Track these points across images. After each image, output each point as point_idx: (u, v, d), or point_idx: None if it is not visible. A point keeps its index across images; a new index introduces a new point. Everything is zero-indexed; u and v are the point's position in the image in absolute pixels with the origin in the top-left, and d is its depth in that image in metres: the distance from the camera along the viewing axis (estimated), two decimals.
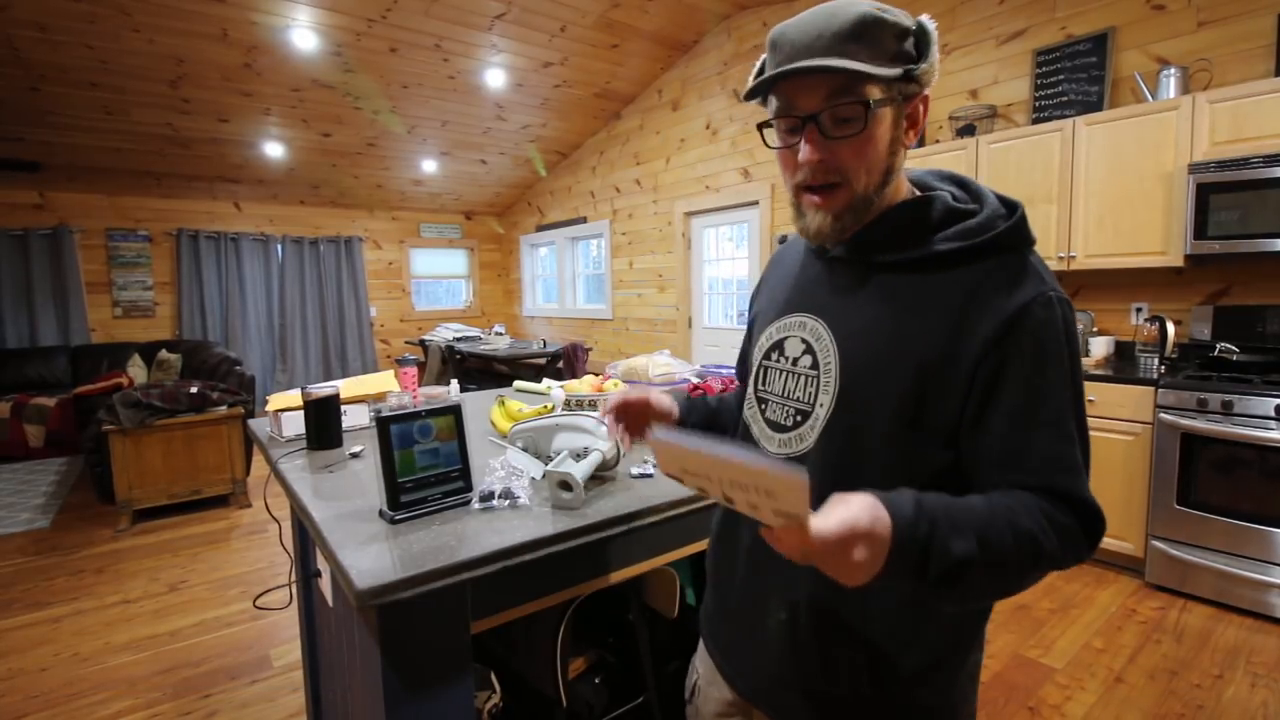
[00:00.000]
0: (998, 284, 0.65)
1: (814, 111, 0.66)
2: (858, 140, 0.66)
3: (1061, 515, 0.61)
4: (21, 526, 3.61)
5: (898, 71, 0.65)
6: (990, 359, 0.63)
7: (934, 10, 3.74)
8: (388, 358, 7.69)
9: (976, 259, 0.67)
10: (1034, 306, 0.63)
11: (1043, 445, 0.63)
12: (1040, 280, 0.65)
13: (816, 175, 0.68)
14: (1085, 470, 0.64)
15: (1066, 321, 0.65)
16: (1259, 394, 2.36)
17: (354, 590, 0.81)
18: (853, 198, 0.69)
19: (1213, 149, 2.60)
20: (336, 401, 1.56)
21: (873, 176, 0.68)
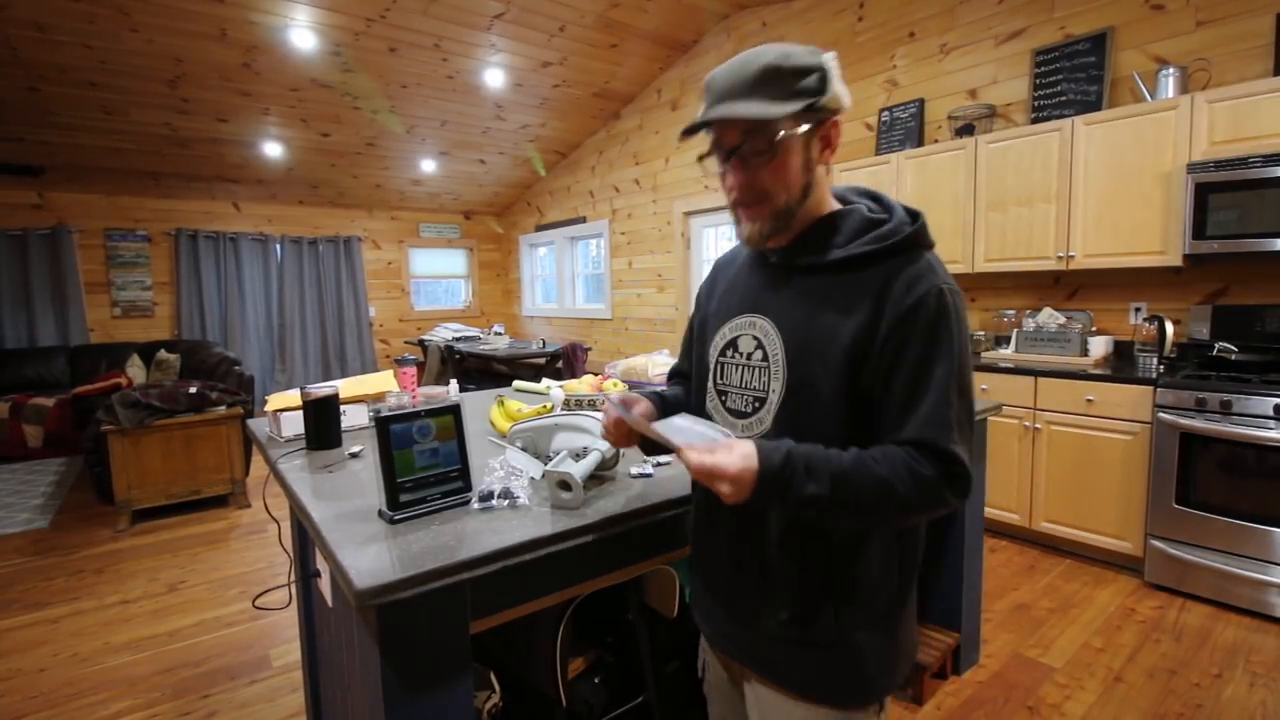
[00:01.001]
0: (903, 278, 0.80)
1: (735, 146, 0.82)
2: (771, 165, 0.82)
3: (924, 466, 0.75)
4: (20, 527, 3.61)
5: (798, 107, 0.79)
6: (894, 337, 0.78)
7: (933, 10, 3.74)
8: (387, 358, 7.69)
9: (888, 258, 0.82)
10: (928, 297, 0.78)
11: (924, 407, 0.77)
12: (935, 275, 0.80)
13: (743, 195, 0.85)
14: (960, 431, 0.77)
15: (955, 309, 0.80)
16: (1258, 393, 2.36)
17: (353, 590, 0.81)
18: (775, 210, 0.84)
19: (1211, 148, 2.60)
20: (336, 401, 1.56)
21: (791, 192, 0.83)
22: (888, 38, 4.00)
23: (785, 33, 4.58)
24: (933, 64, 3.80)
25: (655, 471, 1.30)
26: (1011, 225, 3.23)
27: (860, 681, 0.87)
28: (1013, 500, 3.08)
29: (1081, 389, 2.82)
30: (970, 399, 0.80)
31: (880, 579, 0.86)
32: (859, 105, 4.18)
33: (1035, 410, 2.98)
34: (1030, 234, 3.16)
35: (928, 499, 0.75)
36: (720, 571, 0.96)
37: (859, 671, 0.87)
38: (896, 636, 0.89)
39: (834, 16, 4.27)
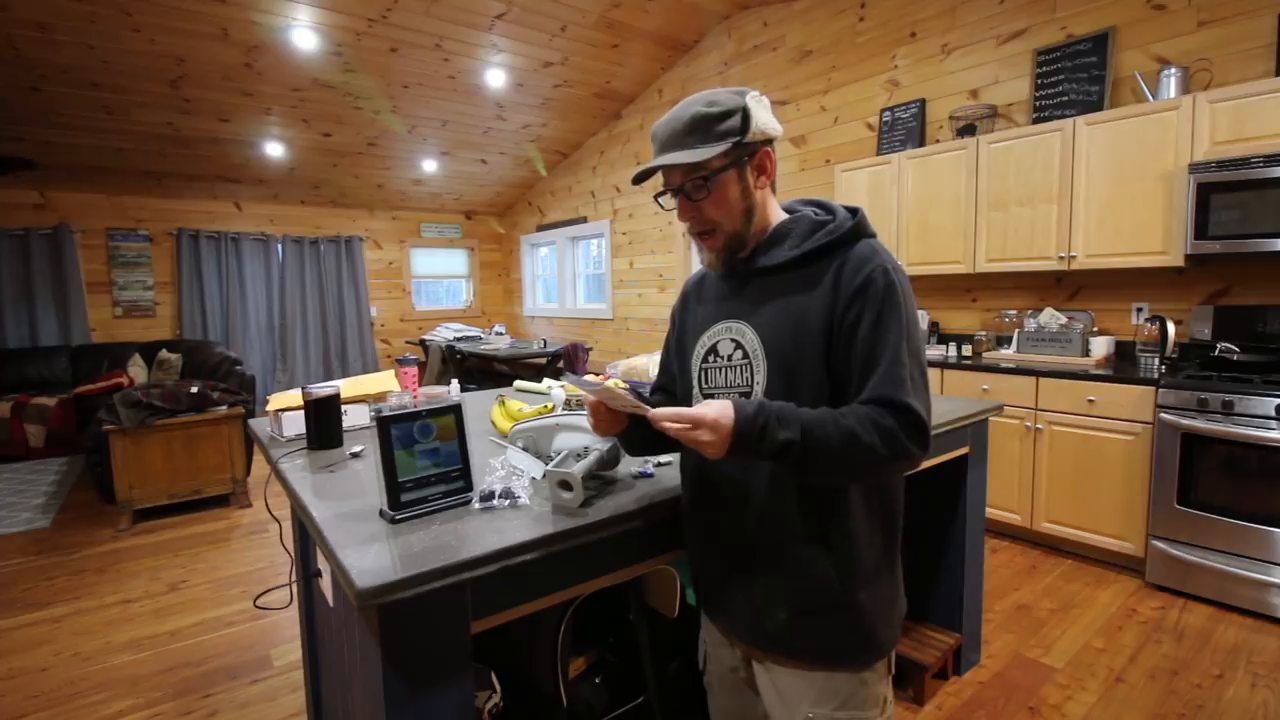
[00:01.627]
0: (851, 261, 0.91)
1: (679, 185, 0.95)
2: (712, 200, 0.94)
3: (885, 419, 0.83)
4: (22, 526, 3.62)
5: (725, 147, 0.91)
6: (850, 313, 0.89)
7: (934, 10, 3.74)
8: (388, 357, 7.70)
9: (837, 249, 0.94)
10: (875, 274, 0.89)
11: (880, 367, 0.86)
12: (879, 257, 0.91)
13: (694, 227, 0.98)
14: (913, 385, 0.86)
15: (900, 285, 0.90)
16: (1259, 394, 2.36)
17: (354, 590, 0.81)
18: (725, 237, 0.97)
19: (1213, 149, 2.60)
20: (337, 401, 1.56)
21: (735, 219, 0.96)
22: (889, 38, 4.00)
23: (786, 33, 4.58)
24: (934, 64, 3.79)
25: (656, 471, 1.30)
26: (1013, 225, 3.23)
27: (868, 639, 0.95)
28: (1014, 501, 3.08)
29: (1083, 389, 2.82)
30: (922, 360, 0.90)
31: (869, 539, 0.95)
32: (860, 105, 4.18)
33: (1037, 411, 2.97)
34: (1032, 234, 3.16)
35: (890, 447, 0.83)
36: (719, 561, 1.03)
37: (865, 629, 0.95)
38: (891, 590, 1.00)
39: (835, 16, 4.27)
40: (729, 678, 1.11)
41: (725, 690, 1.13)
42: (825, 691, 0.96)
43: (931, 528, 2.10)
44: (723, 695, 1.14)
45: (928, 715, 1.91)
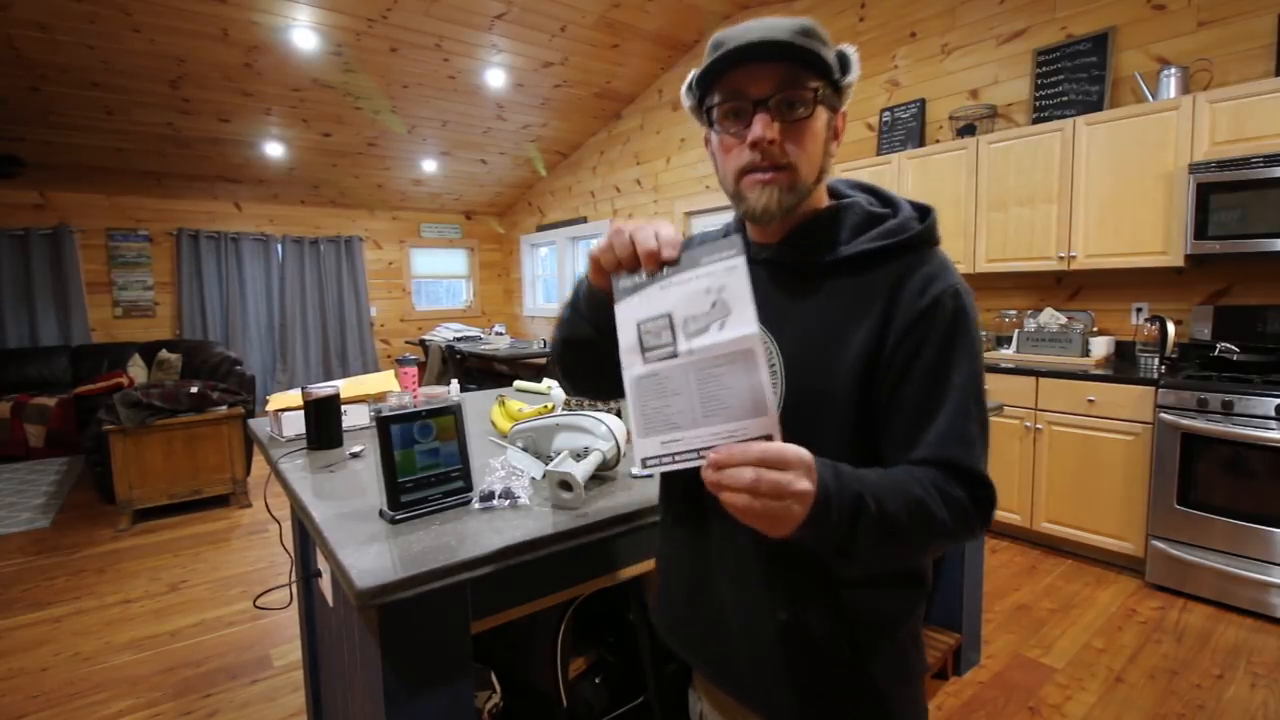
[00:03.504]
0: (916, 278, 0.71)
1: (764, 96, 0.69)
2: (804, 127, 0.70)
3: (953, 488, 0.65)
4: (22, 526, 3.62)
5: (835, 75, 0.71)
6: (907, 343, 0.70)
7: (934, 10, 3.74)
8: (388, 357, 7.70)
9: (895, 256, 0.73)
10: (944, 298, 0.70)
11: (942, 421, 0.68)
12: (950, 275, 0.72)
13: (766, 156, 0.70)
14: (981, 446, 0.69)
15: (971, 312, 0.72)
16: (1259, 394, 2.36)
17: (354, 590, 0.81)
18: (796, 181, 0.72)
19: (1213, 149, 2.60)
20: (336, 401, 1.56)
21: (812, 167, 0.73)
22: (889, 38, 4.00)
23: None
24: (934, 64, 3.79)
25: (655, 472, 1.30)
26: (1013, 225, 3.23)
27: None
28: (1014, 501, 3.08)
29: (1083, 389, 2.82)
30: (987, 410, 0.72)
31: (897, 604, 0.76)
32: (860, 105, 4.18)
33: (1036, 411, 2.97)
34: (1031, 234, 3.16)
35: (960, 525, 0.65)
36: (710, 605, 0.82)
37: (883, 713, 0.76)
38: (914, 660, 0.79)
39: (835, 16, 4.27)
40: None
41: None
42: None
43: None
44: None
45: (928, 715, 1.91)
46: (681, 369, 0.60)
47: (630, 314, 0.63)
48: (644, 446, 0.61)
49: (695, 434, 0.59)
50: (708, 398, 0.58)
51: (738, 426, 0.57)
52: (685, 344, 0.60)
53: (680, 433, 0.60)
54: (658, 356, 0.61)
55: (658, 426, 0.61)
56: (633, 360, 0.63)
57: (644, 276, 0.63)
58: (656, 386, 0.61)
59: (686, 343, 0.60)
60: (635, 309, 0.63)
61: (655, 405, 0.61)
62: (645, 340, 0.62)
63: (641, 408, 0.62)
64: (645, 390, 0.61)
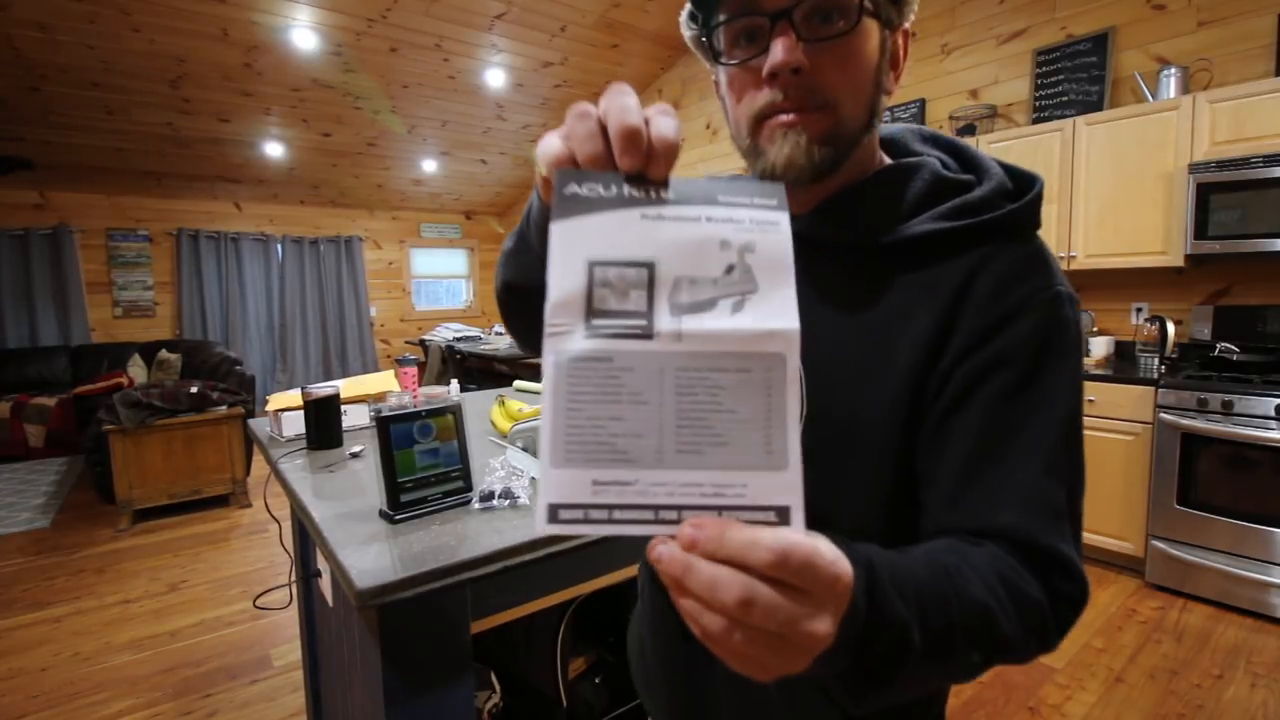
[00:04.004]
0: (1000, 271, 0.51)
1: (786, 5, 0.48)
2: (846, 47, 0.49)
3: (1027, 583, 0.44)
4: (22, 526, 3.61)
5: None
6: (973, 360, 0.49)
7: (934, 10, 3.74)
8: (388, 357, 7.69)
9: (972, 244, 0.52)
10: (1036, 302, 0.49)
11: (1021, 478, 0.47)
12: (1050, 273, 0.51)
13: (790, 94, 0.49)
14: (1072, 519, 0.48)
15: (1077, 327, 0.51)
16: (1259, 394, 2.36)
17: (354, 590, 0.81)
18: (836, 124, 0.50)
19: (1213, 149, 2.60)
20: (336, 401, 1.56)
21: (859, 106, 0.51)
22: None
23: None
24: (934, 64, 3.79)
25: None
26: None
27: None
28: None
29: None
30: (1083, 462, 0.50)
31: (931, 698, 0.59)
32: None
33: None
34: None
35: (1033, 643, 0.44)
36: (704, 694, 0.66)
37: None
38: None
39: None
40: None
41: None
42: None
43: None
44: None
45: None
46: (655, 362, 0.35)
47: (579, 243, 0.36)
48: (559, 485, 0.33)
49: (656, 479, 0.34)
50: (691, 420, 0.34)
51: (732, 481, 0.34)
52: (670, 321, 0.35)
53: (631, 471, 0.34)
54: (617, 330, 0.35)
55: (593, 452, 0.34)
56: (569, 325, 0.35)
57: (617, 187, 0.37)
58: (606, 382, 0.35)
59: (673, 319, 0.35)
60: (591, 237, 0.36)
61: (595, 414, 0.34)
62: (599, 296, 0.35)
63: (569, 413, 0.34)
64: (582, 383, 0.35)
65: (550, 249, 0.36)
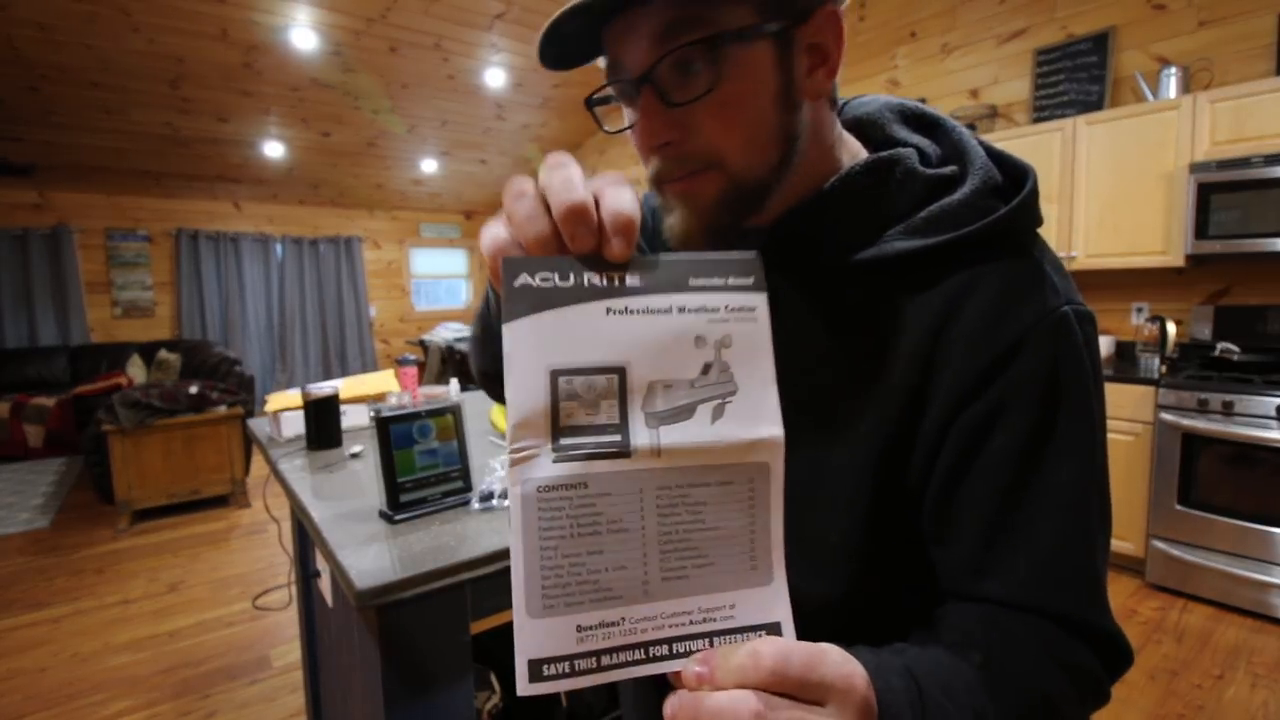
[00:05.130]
0: (987, 301, 0.43)
1: (644, 70, 0.42)
2: (719, 97, 0.41)
3: (1075, 654, 0.41)
4: (21, 526, 3.61)
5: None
6: (975, 409, 0.42)
7: (934, 10, 3.74)
8: (387, 357, 7.69)
9: (959, 259, 0.44)
10: (1041, 330, 0.42)
11: (1045, 546, 0.41)
12: (1052, 290, 0.43)
13: (672, 165, 0.45)
14: (1104, 582, 0.43)
15: (1092, 352, 0.43)
16: (1260, 394, 2.36)
17: (354, 590, 0.81)
18: (730, 181, 0.44)
19: (1214, 149, 2.60)
20: (336, 401, 1.56)
21: (757, 153, 0.44)
22: (889, 37, 4.00)
23: None
24: (934, 64, 3.79)
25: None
26: None
27: None
28: None
29: None
30: (1110, 515, 0.45)
31: None
32: None
33: None
34: None
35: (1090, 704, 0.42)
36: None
37: None
38: None
39: None
40: None
41: None
42: None
43: None
44: None
45: None
46: (634, 483, 0.32)
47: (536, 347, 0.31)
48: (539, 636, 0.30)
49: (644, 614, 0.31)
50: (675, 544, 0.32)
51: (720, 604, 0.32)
52: (647, 435, 0.32)
53: (617, 609, 0.31)
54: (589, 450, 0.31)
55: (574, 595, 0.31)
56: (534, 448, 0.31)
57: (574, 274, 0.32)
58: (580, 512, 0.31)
59: (650, 432, 0.32)
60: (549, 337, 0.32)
61: (572, 551, 0.31)
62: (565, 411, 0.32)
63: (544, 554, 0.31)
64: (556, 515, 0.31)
65: (505, 356, 0.31)
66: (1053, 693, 0.39)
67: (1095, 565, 0.42)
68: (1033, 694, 0.38)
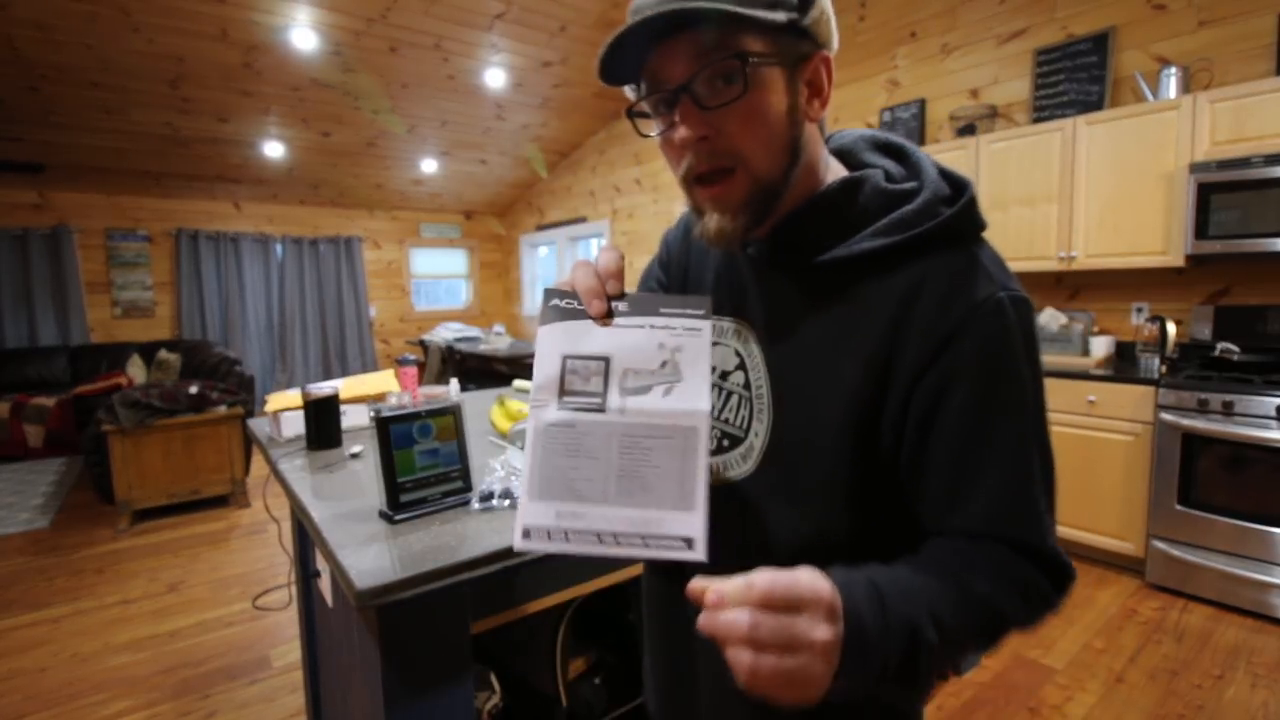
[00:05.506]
0: (936, 292, 0.53)
1: (684, 80, 0.53)
2: (745, 106, 0.52)
3: (1021, 567, 0.51)
4: (21, 526, 3.61)
5: (780, 18, 0.51)
6: (929, 379, 0.52)
7: (934, 10, 3.74)
8: (387, 357, 7.69)
9: (914, 256, 0.54)
10: (983, 314, 0.51)
11: (995, 487, 0.52)
12: (989, 280, 0.53)
13: (703, 159, 0.55)
14: (1050, 515, 0.53)
15: (1025, 329, 0.53)
16: (1260, 394, 2.36)
17: (354, 590, 0.81)
18: (751, 185, 0.55)
19: (1213, 149, 2.60)
20: (336, 401, 1.56)
21: (773, 156, 0.55)
22: (889, 37, 4.00)
23: None
24: (934, 64, 3.79)
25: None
26: (1013, 225, 3.23)
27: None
28: None
29: (1083, 389, 2.82)
30: (1053, 460, 0.54)
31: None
32: (860, 105, 4.18)
33: None
34: (1032, 234, 3.16)
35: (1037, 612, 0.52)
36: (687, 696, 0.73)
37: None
38: None
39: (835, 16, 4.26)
40: None
41: None
42: None
43: None
44: None
45: (928, 716, 1.90)
46: (605, 429, 0.50)
47: (556, 342, 0.52)
48: (532, 513, 0.50)
49: (600, 513, 0.49)
50: (628, 473, 0.50)
51: (655, 517, 0.49)
52: (618, 400, 0.50)
53: (583, 506, 0.49)
54: (579, 405, 0.51)
55: (557, 491, 0.50)
56: (546, 400, 0.51)
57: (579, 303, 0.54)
58: (569, 442, 0.51)
59: (620, 399, 0.50)
60: (565, 338, 0.52)
61: (561, 464, 0.50)
62: (569, 380, 0.51)
63: (543, 462, 0.50)
64: (553, 442, 0.51)
65: (537, 345, 0.53)
66: (1003, 603, 0.50)
67: (1039, 501, 0.52)
68: (985, 602, 0.49)
